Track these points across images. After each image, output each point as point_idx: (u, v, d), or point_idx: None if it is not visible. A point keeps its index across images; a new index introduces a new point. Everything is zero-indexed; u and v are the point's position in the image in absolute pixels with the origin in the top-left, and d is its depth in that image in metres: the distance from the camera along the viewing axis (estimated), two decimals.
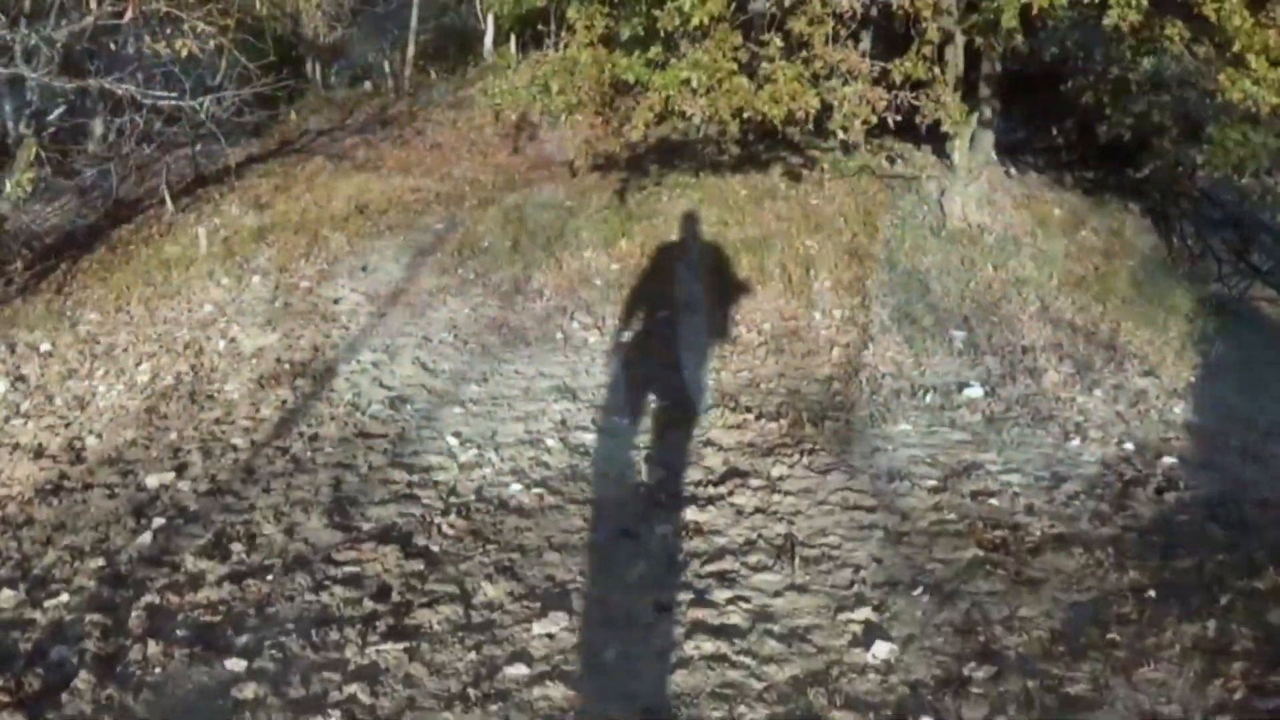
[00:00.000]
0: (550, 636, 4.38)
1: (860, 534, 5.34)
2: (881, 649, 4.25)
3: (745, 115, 9.00)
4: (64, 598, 4.76)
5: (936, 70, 9.27)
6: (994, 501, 5.70)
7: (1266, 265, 14.76)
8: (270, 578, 4.84)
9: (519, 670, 4.13)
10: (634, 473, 6.18)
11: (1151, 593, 4.65)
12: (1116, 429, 6.92)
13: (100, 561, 5.08)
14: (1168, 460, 6.39)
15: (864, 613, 4.57)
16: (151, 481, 6.02)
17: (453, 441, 6.58)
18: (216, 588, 4.76)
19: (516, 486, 5.94)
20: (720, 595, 4.74)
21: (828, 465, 6.16)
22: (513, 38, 19.99)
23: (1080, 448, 6.58)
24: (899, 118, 9.31)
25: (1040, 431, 6.83)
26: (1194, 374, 8.08)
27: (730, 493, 5.82)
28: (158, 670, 4.13)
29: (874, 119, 8.92)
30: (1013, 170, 11.99)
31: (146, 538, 5.30)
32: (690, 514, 5.58)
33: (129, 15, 9.49)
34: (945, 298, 9.31)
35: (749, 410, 7.02)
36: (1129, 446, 6.61)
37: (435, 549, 5.17)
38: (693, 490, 5.91)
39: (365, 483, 5.96)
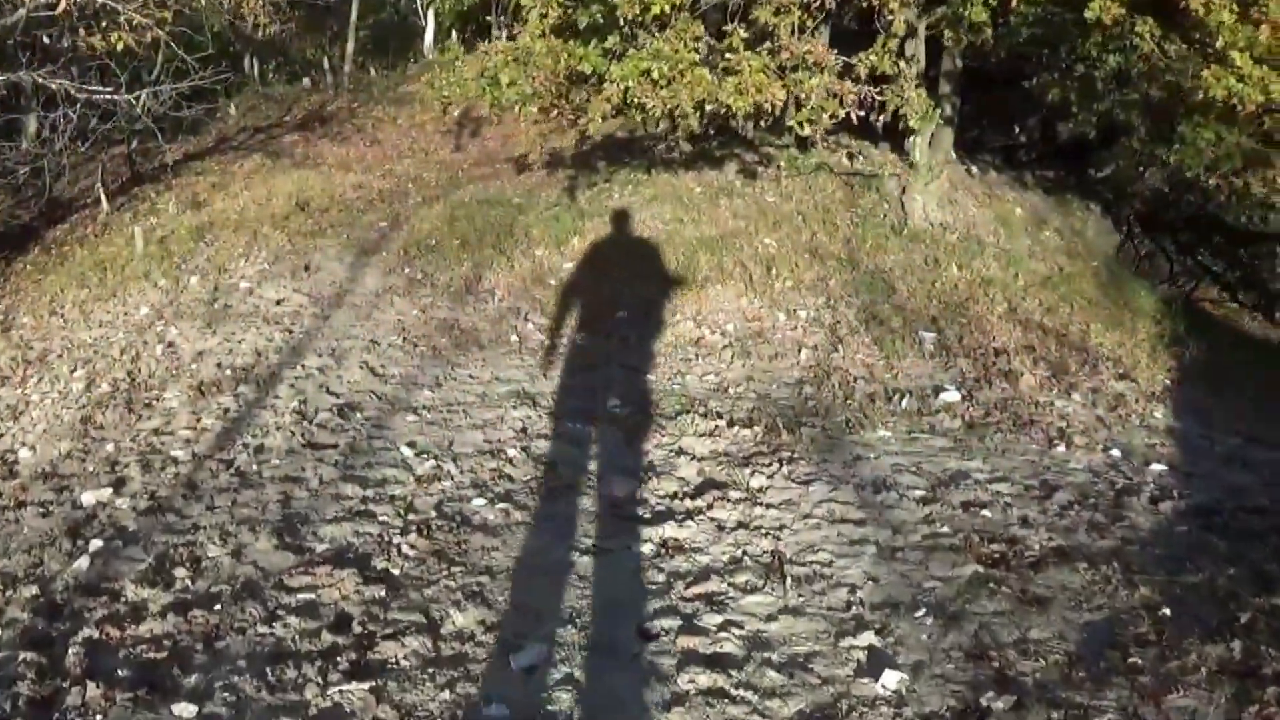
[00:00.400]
0: (530, 671, 3.99)
1: (851, 549, 5.02)
2: (891, 678, 3.91)
3: (708, 108, 8.67)
4: None
5: (902, 64, 8.99)
6: (986, 513, 5.40)
7: (1218, 265, 14.76)
8: (218, 607, 4.38)
9: (499, 712, 3.72)
10: (604, 485, 5.80)
11: (1166, 610, 4.37)
12: (1100, 435, 6.69)
13: (34, 590, 4.60)
14: (1156, 467, 6.17)
15: (866, 637, 4.23)
16: (88, 498, 5.55)
17: (408, 452, 6.17)
18: (160, 619, 4.29)
19: (479, 501, 5.54)
20: (710, 620, 4.38)
21: (809, 475, 5.83)
22: (454, 33, 19.69)
23: (1066, 454, 6.33)
24: (862, 113, 9.03)
25: (1023, 438, 6.58)
26: (1169, 377, 7.91)
27: (709, 506, 5.48)
28: (99, 717, 3.67)
29: (842, 112, 8.62)
30: (974, 168, 11.81)
31: (83, 562, 4.82)
32: (669, 530, 5.22)
33: (62, 7, 9.07)
34: (911, 298, 9.06)
35: (720, 416, 6.69)
36: (1115, 453, 6.39)
37: (396, 572, 4.75)
38: (668, 504, 5.55)
39: (316, 499, 5.52)
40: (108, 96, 10.54)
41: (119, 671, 3.94)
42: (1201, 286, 16.49)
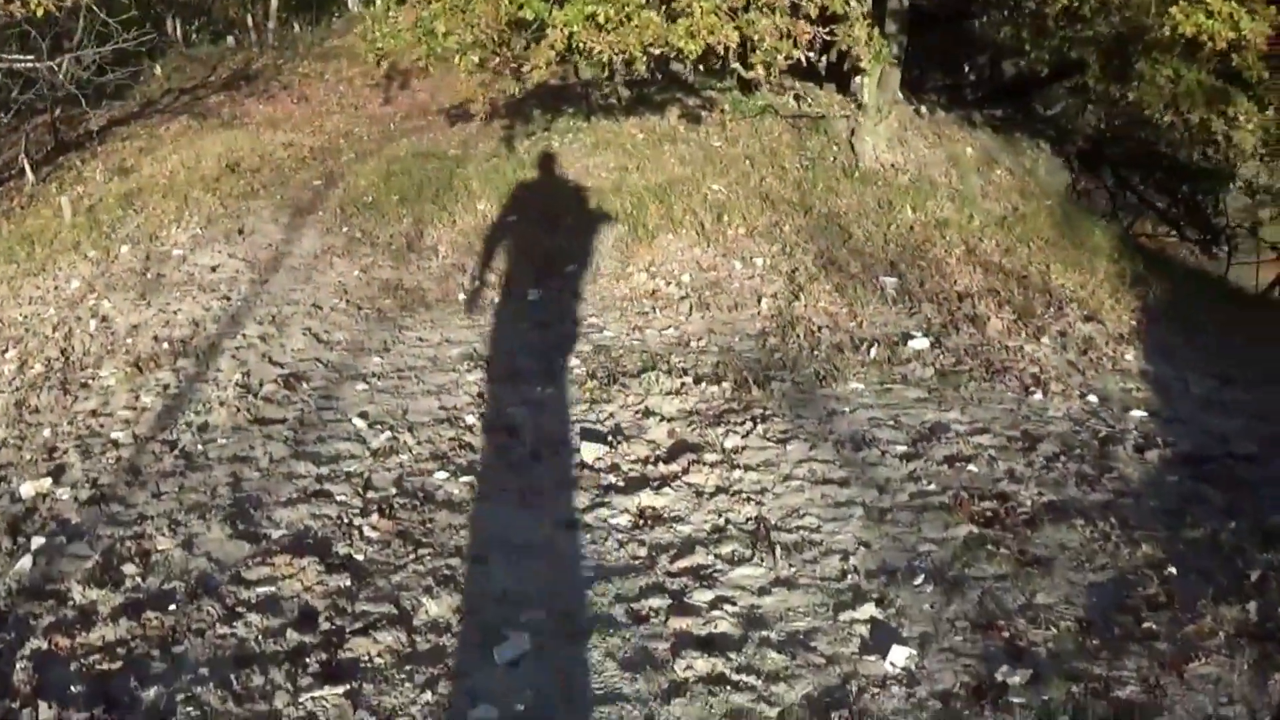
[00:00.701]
0: (514, 664, 3.71)
1: (838, 512, 4.79)
2: (899, 655, 3.69)
3: (655, 52, 8.30)
4: None
5: (853, 3, 8.69)
6: (972, 468, 5.20)
7: (1161, 200, 14.75)
8: (173, 607, 4.04)
9: (487, 713, 3.44)
10: (570, 451, 5.51)
11: (1172, 569, 4.20)
12: (1075, 380, 6.52)
13: None
14: (1136, 413, 6.01)
15: (867, 610, 4.01)
16: (26, 490, 5.16)
17: (360, 424, 5.84)
18: (112, 624, 3.94)
19: (441, 474, 5.23)
20: (700, 598, 4.13)
21: (785, 433, 5.58)
22: None
23: (1044, 402, 6.15)
24: (812, 54, 8.73)
25: (998, 385, 6.38)
26: (1135, 318, 7.76)
27: (684, 470, 5.21)
28: None
29: (796, 54, 8.31)
30: (922, 108, 11.58)
31: (25, 562, 4.45)
32: (645, 498, 4.95)
33: None
34: (868, 242, 8.82)
35: (685, 373, 6.41)
36: (1093, 399, 6.22)
37: (360, 558, 4.44)
38: (641, 470, 5.27)
39: (268, 479, 5.18)
40: (29, 65, 10.04)
41: (72, 688, 3.59)
42: (1139, 221, 16.52)
